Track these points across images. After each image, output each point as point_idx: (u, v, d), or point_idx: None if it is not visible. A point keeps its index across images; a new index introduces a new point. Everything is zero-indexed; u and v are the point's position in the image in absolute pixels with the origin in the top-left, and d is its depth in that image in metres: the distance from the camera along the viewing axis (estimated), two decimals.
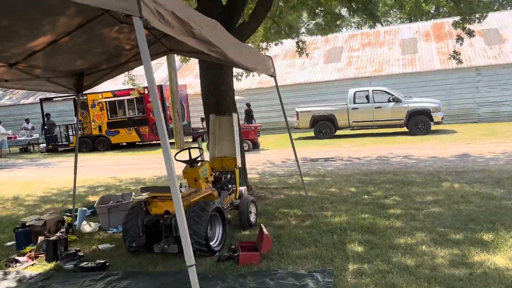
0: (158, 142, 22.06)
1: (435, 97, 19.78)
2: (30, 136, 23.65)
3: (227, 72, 8.14)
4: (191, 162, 5.78)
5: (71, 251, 5.06)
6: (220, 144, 6.72)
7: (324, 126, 19.60)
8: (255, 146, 17.40)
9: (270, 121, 24.31)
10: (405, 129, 18.61)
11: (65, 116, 26.80)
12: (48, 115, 23.35)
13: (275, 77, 6.36)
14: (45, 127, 22.81)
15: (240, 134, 8.24)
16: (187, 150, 5.97)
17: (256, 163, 13.22)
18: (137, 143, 22.64)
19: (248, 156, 15.12)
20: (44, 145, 23.07)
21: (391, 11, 37.69)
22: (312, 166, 11.88)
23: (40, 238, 5.64)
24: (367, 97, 19.04)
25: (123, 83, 14.78)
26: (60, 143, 23.35)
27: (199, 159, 5.93)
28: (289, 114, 22.23)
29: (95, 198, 8.96)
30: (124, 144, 22.82)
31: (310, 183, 9.22)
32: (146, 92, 21.35)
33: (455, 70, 21.71)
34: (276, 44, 12.94)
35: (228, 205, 6.06)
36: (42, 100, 23.74)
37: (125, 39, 5.95)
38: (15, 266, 5.05)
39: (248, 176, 10.50)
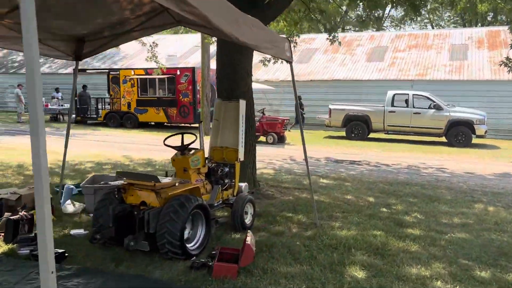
0: (185, 124, 21.60)
1: (480, 109, 18.31)
2: (61, 105, 23.69)
3: (246, 55, 7.38)
4: (182, 149, 5.09)
5: (30, 235, 4.48)
6: (223, 133, 5.99)
7: (356, 127, 18.54)
8: (281, 140, 16.59)
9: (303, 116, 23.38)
10: (443, 139, 17.33)
11: (101, 90, 26.73)
12: (84, 86, 23.30)
13: (291, 63, 5.57)
14: (75, 97, 22.79)
15: (251, 125, 7.48)
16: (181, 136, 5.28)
17: (276, 158, 12.45)
18: (165, 123, 22.24)
19: (270, 150, 14.41)
20: (74, 116, 23.04)
21: (442, 11, 35.59)
22: (335, 168, 11.00)
23: (7, 215, 5.12)
24: (406, 101, 17.84)
25: (146, 59, 14.17)
26: (89, 116, 23.27)
27: (192, 146, 5.23)
28: (322, 111, 21.43)
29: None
30: (152, 123, 22.48)
31: (326, 187, 8.39)
32: (178, 73, 20.91)
33: (506, 82, 20.11)
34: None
35: (220, 202, 5.34)
36: (75, 71, 23.68)
37: (127, 4, 5.30)
38: None
39: (263, 171, 9.78)
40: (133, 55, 29.45)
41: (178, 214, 4.21)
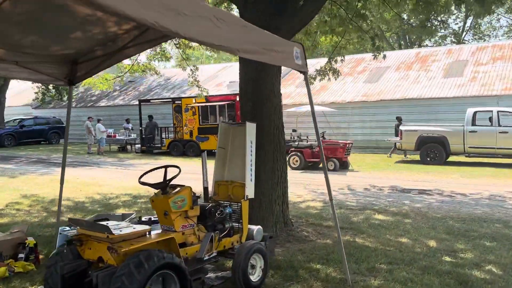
0: None
1: None
2: (129, 136, 24.03)
3: (271, 71, 6.28)
4: (163, 187, 4.06)
5: None
6: (231, 164, 4.90)
7: (432, 150, 16.46)
8: (344, 166, 15.09)
9: (372, 139, 21.59)
10: None
11: (168, 119, 26.92)
12: (150, 116, 23.52)
13: (305, 73, 4.38)
14: (140, 128, 22.96)
15: (281, 152, 6.30)
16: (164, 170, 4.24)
17: (332, 187, 11.01)
18: None
19: (329, 177, 12.96)
20: (139, 145, 23.23)
21: None
22: (398, 199, 9.37)
23: None
24: (490, 119, 15.55)
25: (188, 84, 13.54)
26: (154, 145, 23.32)
27: (175, 182, 4.18)
28: (391, 132, 19.50)
29: (130, 211, 7.72)
30: (214, 151, 21.93)
31: (379, 226, 6.90)
32: (237, 99, 20.26)
33: None
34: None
35: (214, 254, 4.18)
36: (140, 102, 24.02)
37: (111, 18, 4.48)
38: None
39: (310, 204, 8.51)
40: (202, 83, 29.48)
41: (132, 278, 3.15)
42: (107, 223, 3.73)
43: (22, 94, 36.08)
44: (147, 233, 3.61)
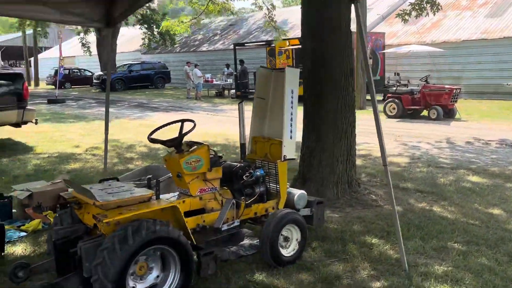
0: None
1: None
2: (225, 81, 23.99)
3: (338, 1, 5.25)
4: (175, 145, 3.49)
5: None
6: (272, 118, 4.16)
7: None
8: (449, 114, 13.31)
9: (490, 83, 18.85)
10: None
11: (263, 64, 26.40)
12: (242, 61, 23.14)
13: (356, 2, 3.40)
14: (234, 73, 22.71)
15: (345, 102, 5.36)
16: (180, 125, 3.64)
17: (427, 139, 9.70)
18: None
19: (428, 127, 11.52)
20: (234, 91, 23.11)
21: None
22: (505, 157, 7.87)
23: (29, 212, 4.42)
24: None
25: (264, 27, 12.58)
26: (248, 91, 23.02)
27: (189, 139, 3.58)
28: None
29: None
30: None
31: (470, 190, 5.75)
32: None
33: None
34: None
35: (235, 223, 3.56)
36: (235, 46, 23.61)
37: None
38: None
39: (393, 160, 7.51)
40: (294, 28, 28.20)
41: (114, 254, 2.69)
42: (109, 184, 3.30)
43: (133, 40, 37.87)
44: (149, 199, 3.10)
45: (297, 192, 4.07)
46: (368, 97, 18.10)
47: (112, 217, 2.80)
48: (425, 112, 13.68)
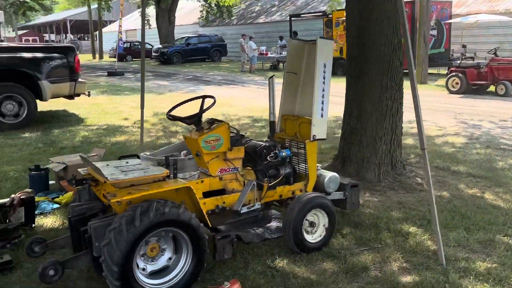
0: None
1: None
2: (279, 53, 23.56)
3: None
4: (195, 122, 3.32)
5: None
6: (304, 95, 3.89)
7: None
8: None
9: None
10: None
11: (317, 35, 25.59)
12: (295, 33, 22.56)
13: None
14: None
15: (391, 76, 4.94)
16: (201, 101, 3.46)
17: (490, 118, 8.95)
18: None
19: (494, 104, 10.62)
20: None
21: None
22: None
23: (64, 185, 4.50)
24: None
25: None
26: None
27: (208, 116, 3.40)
28: None
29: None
30: None
31: None
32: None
33: None
34: None
35: (256, 206, 3.36)
36: (291, 17, 23.00)
37: None
38: None
39: (448, 139, 7.02)
40: None
41: (120, 235, 2.60)
42: (127, 162, 3.21)
43: (191, 13, 38.10)
44: (164, 178, 2.97)
45: (328, 175, 3.80)
46: (431, 70, 17.06)
47: (121, 196, 2.70)
48: (492, 88, 12.69)
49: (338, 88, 6.55)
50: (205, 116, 3.44)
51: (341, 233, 3.74)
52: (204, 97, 3.46)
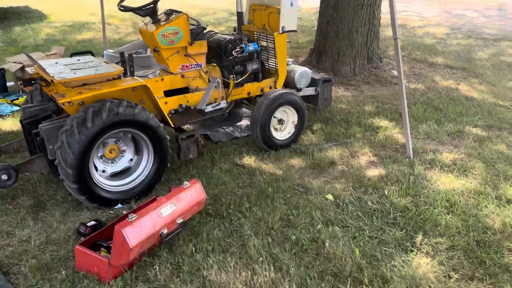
0: None
1: None
2: None
3: None
4: (150, 13, 3.03)
5: None
6: None
7: None
8: None
9: None
10: None
11: None
12: None
13: None
14: None
15: None
16: None
17: (476, 5, 8.58)
18: None
19: None
20: None
21: None
22: None
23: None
24: None
25: None
26: None
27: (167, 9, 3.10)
28: None
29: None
30: None
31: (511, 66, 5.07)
32: None
33: None
34: None
35: (221, 104, 3.21)
36: None
37: None
38: None
39: (430, 30, 6.82)
40: None
41: (72, 137, 2.47)
42: (78, 59, 2.98)
43: None
44: (119, 77, 2.77)
45: (299, 69, 3.63)
46: None
47: (70, 96, 2.52)
48: None
49: None
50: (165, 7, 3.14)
51: (311, 129, 3.68)
52: None
